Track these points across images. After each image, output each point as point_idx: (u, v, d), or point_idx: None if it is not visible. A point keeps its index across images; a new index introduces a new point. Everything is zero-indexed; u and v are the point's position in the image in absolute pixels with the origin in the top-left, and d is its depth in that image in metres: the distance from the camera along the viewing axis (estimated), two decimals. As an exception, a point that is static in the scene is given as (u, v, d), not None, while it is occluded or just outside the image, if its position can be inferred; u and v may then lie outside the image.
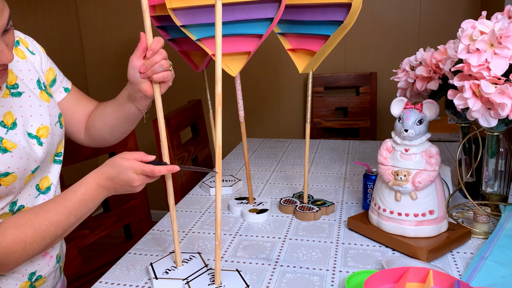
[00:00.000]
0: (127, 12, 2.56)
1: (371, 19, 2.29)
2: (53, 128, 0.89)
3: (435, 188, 0.95)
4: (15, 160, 0.79)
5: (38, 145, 0.85)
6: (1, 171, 0.77)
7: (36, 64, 0.91)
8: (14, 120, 0.82)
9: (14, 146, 0.80)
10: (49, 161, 0.91)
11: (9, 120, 0.81)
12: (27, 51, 0.90)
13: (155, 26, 1.29)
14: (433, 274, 0.74)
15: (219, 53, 0.78)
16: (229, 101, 2.55)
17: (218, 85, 0.78)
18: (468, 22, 0.90)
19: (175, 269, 0.90)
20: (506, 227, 0.98)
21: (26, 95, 0.86)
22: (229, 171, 1.54)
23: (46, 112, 0.88)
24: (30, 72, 0.89)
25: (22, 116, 0.84)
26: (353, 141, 1.83)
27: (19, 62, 0.88)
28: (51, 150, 0.90)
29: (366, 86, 2.32)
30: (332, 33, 1.02)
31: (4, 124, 0.80)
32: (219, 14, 0.77)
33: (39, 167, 0.86)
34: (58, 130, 0.91)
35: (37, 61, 0.92)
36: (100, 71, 2.69)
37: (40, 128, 0.86)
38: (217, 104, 0.79)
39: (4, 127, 0.80)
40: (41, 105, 0.88)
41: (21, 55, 0.89)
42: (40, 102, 0.88)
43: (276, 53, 2.41)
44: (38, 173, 0.87)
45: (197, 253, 0.96)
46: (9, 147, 0.79)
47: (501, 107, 0.85)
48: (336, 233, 1.07)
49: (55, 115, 0.91)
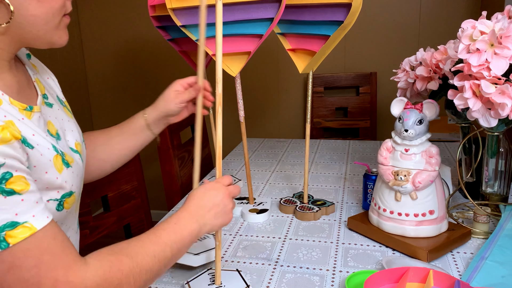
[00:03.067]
0: (127, 14, 2.56)
1: (371, 19, 2.29)
2: (83, 146, 0.82)
3: (435, 188, 0.95)
4: (74, 177, 0.71)
5: (81, 161, 0.77)
6: (66, 189, 0.68)
7: (51, 80, 0.85)
8: (56, 131, 0.73)
9: (73, 161, 0.72)
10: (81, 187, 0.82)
11: (53, 130, 0.72)
12: (39, 65, 0.84)
13: (155, 26, 1.29)
14: (433, 274, 0.74)
15: (219, 53, 0.78)
16: (229, 101, 2.55)
17: (219, 85, 0.78)
18: (468, 22, 0.90)
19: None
20: (506, 227, 0.98)
21: (55, 108, 0.78)
22: (229, 171, 1.54)
23: (75, 128, 0.81)
24: (49, 86, 0.82)
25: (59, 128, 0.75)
26: (353, 141, 1.83)
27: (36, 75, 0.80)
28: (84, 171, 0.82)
29: (366, 86, 2.32)
30: (332, 33, 1.02)
31: (51, 134, 0.71)
32: (219, 14, 0.76)
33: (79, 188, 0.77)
34: (84, 149, 0.83)
35: (51, 77, 0.86)
36: (101, 72, 2.69)
37: (76, 144, 0.78)
38: (217, 104, 0.79)
39: (52, 137, 0.70)
40: (70, 120, 0.80)
41: (36, 69, 0.82)
42: (68, 117, 0.80)
43: (276, 53, 2.41)
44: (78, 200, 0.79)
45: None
46: (70, 161, 0.70)
47: (501, 107, 0.85)
48: (336, 233, 1.07)
49: (79, 133, 0.83)
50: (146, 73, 2.63)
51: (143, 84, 2.66)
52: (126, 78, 2.67)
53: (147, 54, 2.60)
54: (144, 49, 2.59)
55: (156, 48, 2.56)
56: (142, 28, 2.55)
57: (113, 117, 2.72)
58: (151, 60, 2.60)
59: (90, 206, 1.26)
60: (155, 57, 2.58)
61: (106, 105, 2.73)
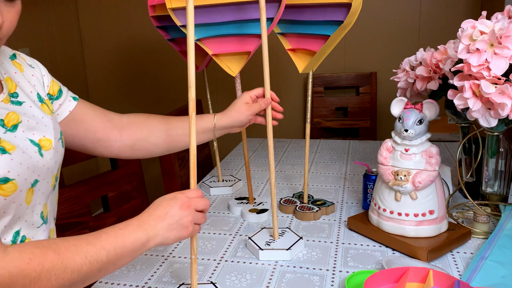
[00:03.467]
0: (127, 12, 2.56)
1: (371, 19, 2.29)
2: (57, 143, 0.81)
3: (435, 188, 0.95)
4: (15, 165, 0.70)
5: (39, 155, 0.76)
6: (0, 175, 0.68)
7: (36, 77, 0.85)
8: (16, 123, 0.74)
9: (13, 148, 0.71)
10: (51, 183, 0.81)
11: (10, 122, 0.74)
12: (25, 64, 0.85)
13: (155, 26, 1.29)
14: (433, 274, 0.74)
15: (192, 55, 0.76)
16: (229, 101, 2.55)
17: (192, 90, 0.74)
18: (468, 22, 0.90)
19: (274, 241, 1.00)
20: (506, 227, 0.98)
21: (27, 105, 0.79)
22: (229, 171, 1.54)
23: (51, 124, 0.80)
24: (29, 84, 0.83)
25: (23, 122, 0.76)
26: (353, 141, 1.83)
27: (16, 73, 0.82)
28: (53, 168, 0.80)
29: (366, 86, 2.32)
30: (332, 33, 1.02)
31: (4, 124, 0.72)
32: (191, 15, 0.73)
33: (38, 182, 0.76)
34: (60, 148, 0.82)
35: (36, 74, 0.86)
36: (100, 71, 2.69)
37: (42, 140, 0.77)
38: (191, 110, 0.74)
39: (3, 127, 0.72)
40: (44, 117, 0.80)
41: (19, 68, 0.83)
42: (43, 114, 0.81)
43: (276, 53, 2.41)
44: (40, 196, 0.77)
45: (287, 227, 1.06)
46: (7, 147, 0.70)
47: (501, 107, 0.85)
48: (336, 233, 1.07)
49: (58, 131, 0.83)
50: (146, 73, 2.63)
51: (143, 84, 2.66)
52: (126, 78, 2.67)
53: (147, 54, 2.60)
54: (144, 49, 2.59)
55: (156, 48, 2.56)
56: (142, 28, 2.55)
57: (113, 117, 2.72)
58: (151, 60, 2.60)
59: (90, 206, 1.26)
60: (155, 57, 2.58)
61: (106, 105, 2.72)
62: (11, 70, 0.80)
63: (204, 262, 0.96)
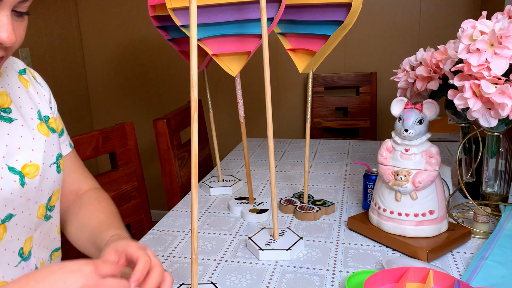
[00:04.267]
0: (127, 12, 2.56)
1: (371, 19, 2.29)
2: (46, 169, 0.74)
3: (435, 188, 0.95)
4: None
5: (19, 184, 0.68)
6: None
7: (42, 96, 0.81)
8: None
9: None
10: (36, 214, 0.73)
11: None
12: (34, 81, 0.82)
13: (155, 26, 1.29)
14: (433, 274, 0.74)
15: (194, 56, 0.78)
16: (229, 101, 2.55)
17: (194, 90, 0.72)
18: (468, 22, 0.90)
19: (274, 241, 1.00)
20: (506, 227, 0.98)
21: (18, 124, 0.72)
22: (229, 171, 1.54)
23: (41, 148, 0.73)
24: (31, 101, 0.78)
25: (7, 145, 0.69)
26: (353, 141, 1.83)
27: (20, 88, 0.77)
28: (39, 198, 0.73)
29: (366, 86, 2.32)
30: (332, 33, 1.02)
31: None
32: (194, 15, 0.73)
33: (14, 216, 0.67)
34: (53, 174, 0.76)
35: (44, 94, 0.82)
36: (100, 72, 2.69)
37: (27, 165, 0.70)
38: (192, 110, 0.73)
39: None
40: (36, 139, 0.74)
41: (24, 83, 0.79)
42: (35, 134, 0.74)
43: (276, 53, 2.41)
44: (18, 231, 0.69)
45: (287, 228, 1.06)
46: None
47: (501, 107, 0.85)
48: (336, 233, 1.07)
49: (52, 154, 0.76)
50: (146, 73, 2.63)
51: (143, 84, 2.66)
52: (126, 77, 2.67)
53: (147, 54, 2.60)
54: (144, 49, 2.60)
55: (156, 48, 2.56)
56: (142, 28, 2.55)
57: (113, 117, 2.72)
58: (151, 60, 2.60)
59: (90, 206, 1.25)
60: (155, 57, 2.58)
61: (106, 105, 2.73)
62: (13, 85, 0.77)
63: (204, 262, 0.96)
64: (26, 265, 0.72)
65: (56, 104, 0.87)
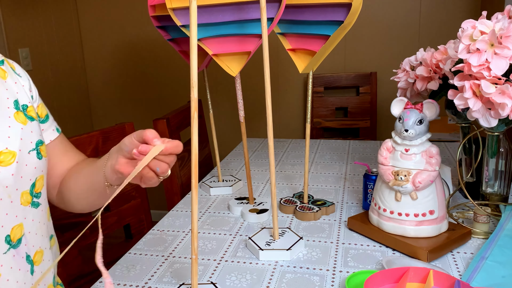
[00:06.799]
0: (127, 12, 2.56)
1: (371, 19, 2.29)
2: (24, 156, 0.74)
3: (435, 188, 0.95)
4: None
5: None
6: None
7: (21, 86, 0.81)
8: None
9: None
10: (19, 201, 0.73)
11: None
12: (12, 72, 0.81)
13: (155, 26, 1.29)
14: (433, 274, 0.74)
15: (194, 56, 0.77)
16: (229, 101, 2.55)
17: (194, 89, 0.72)
18: (468, 22, 0.90)
19: (274, 241, 1.00)
20: (506, 227, 0.98)
21: None
22: (229, 171, 1.54)
23: (17, 135, 0.74)
24: (7, 91, 0.78)
25: None
26: (353, 141, 1.83)
27: None
28: (20, 185, 0.73)
29: (366, 86, 2.32)
30: (332, 33, 1.02)
31: None
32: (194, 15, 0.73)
33: None
34: (33, 160, 0.76)
35: (22, 84, 0.82)
36: (100, 71, 2.69)
37: (2, 152, 0.71)
38: (193, 110, 0.72)
39: None
40: (11, 127, 0.74)
41: (2, 75, 0.79)
42: (11, 122, 0.74)
43: (276, 53, 2.41)
44: (3, 218, 0.71)
45: (287, 228, 1.06)
46: None
47: (502, 107, 0.85)
48: (336, 233, 1.07)
49: (30, 141, 0.76)
50: (146, 73, 2.63)
51: (143, 84, 2.66)
52: (126, 77, 2.67)
53: (147, 54, 2.60)
54: (144, 48, 2.60)
55: (156, 48, 2.56)
56: (142, 28, 2.55)
57: (113, 117, 2.72)
58: (151, 60, 2.60)
59: (90, 206, 1.25)
60: (155, 56, 2.58)
61: (106, 105, 2.73)
62: None
63: (204, 262, 0.96)
64: (16, 253, 0.73)
65: (37, 91, 0.87)
